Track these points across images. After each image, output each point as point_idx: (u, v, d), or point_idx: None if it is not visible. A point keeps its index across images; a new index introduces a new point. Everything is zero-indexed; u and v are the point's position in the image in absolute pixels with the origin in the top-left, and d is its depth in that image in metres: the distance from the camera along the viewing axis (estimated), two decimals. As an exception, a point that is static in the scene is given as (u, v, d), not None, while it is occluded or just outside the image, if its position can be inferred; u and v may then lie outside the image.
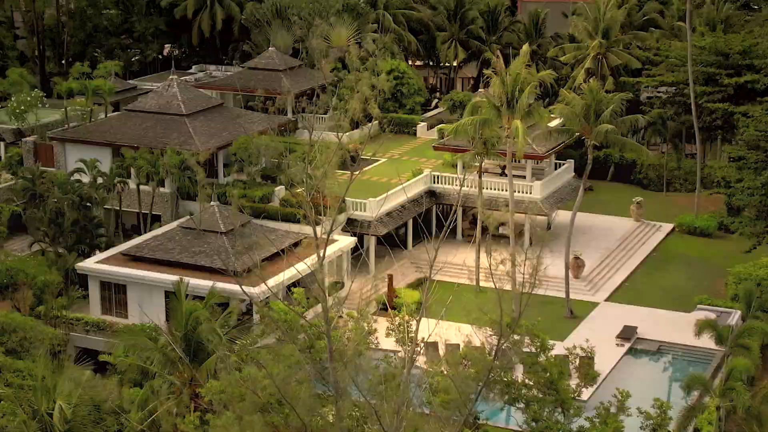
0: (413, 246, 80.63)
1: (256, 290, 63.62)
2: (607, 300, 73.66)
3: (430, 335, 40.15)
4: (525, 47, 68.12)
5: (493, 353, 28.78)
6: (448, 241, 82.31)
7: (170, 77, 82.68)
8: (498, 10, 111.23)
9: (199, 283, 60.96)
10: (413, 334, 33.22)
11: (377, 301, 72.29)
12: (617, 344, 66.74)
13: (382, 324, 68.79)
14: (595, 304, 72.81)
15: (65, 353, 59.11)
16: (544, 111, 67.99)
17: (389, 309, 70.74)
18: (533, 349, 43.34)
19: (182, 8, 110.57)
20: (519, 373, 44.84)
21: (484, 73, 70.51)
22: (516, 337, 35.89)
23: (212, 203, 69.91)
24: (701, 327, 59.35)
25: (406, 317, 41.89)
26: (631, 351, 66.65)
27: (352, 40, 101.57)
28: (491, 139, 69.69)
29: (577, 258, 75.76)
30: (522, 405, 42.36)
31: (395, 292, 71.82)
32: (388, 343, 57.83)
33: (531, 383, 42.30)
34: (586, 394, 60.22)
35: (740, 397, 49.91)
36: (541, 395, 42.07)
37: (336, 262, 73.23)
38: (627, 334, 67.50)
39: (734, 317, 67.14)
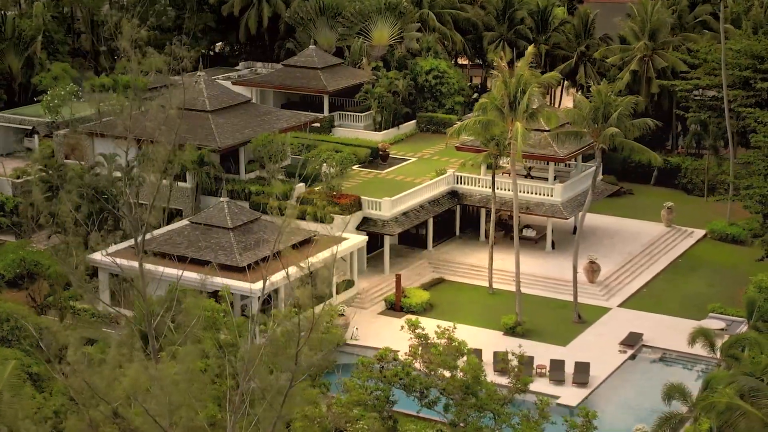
0: (434, 246, 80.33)
1: (256, 286, 64.83)
2: (620, 306, 72.56)
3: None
4: (530, 48, 67.46)
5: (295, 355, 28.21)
6: (469, 242, 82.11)
7: (198, 73, 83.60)
8: (548, 10, 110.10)
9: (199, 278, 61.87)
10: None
11: (386, 301, 72.52)
12: (620, 351, 65.81)
13: (385, 322, 69.39)
14: (606, 310, 71.81)
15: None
16: (550, 113, 67.16)
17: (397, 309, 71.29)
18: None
19: (229, 6, 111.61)
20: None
21: (491, 74, 70.07)
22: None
23: (222, 199, 70.54)
24: (694, 336, 58.36)
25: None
26: (634, 358, 65.68)
27: (394, 39, 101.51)
28: (502, 140, 69.25)
29: (592, 262, 74.78)
30: (440, 410, 41.98)
31: (404, 292, 71.76)
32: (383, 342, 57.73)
33: (446, 387, 41.83)
34: (576, 399, 59.86)
35: (714, 410, 48.82)
36: (460, 400, 41.62)
37: (348, 261, 73.30)
38: (631, 340, 66.53)
39: (743, 326, 65.75)
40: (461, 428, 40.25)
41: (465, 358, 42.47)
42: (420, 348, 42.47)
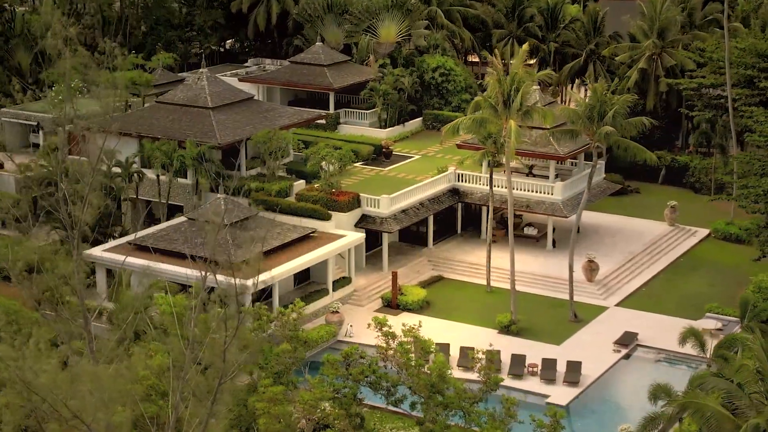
0: (434, 244, 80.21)
1: (250, 282, 64.95)
2: (617, 305, 72.22)
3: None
4: (524, 47, 67.27)
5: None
6: (470, 240, 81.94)
7: (200, 70, 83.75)
8: (558, 7, 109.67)
9: (193, 274, 62.25)
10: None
11: (383, 298, 72.52)
12: (614, 350, 65.55)
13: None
14: (603, 309, 71.50)
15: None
16: (545, 111, 66.93)
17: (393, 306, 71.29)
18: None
19: (238, 2, 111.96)
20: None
21: (486, 72, 69.95)
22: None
23: (219, 195, 70.69)
24: (685, 335, 58.22)
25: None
26: (628, 357, 65.42)
27: (402, 37, 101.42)
28: (499, 138, 69.11)
29: (591, 261, 74.49)
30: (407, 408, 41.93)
31: (401, 290, 71.73)
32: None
33: (412, 386, 41.75)
34: (566, 398, 59.69)
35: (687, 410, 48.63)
36: (426, 398, 41.52)
37: (347, 257, 73.36)
38: (625, 340, 66.26)
39: (739, 327, 65.35)
40: (428, 426, 40.16)
41: (433, 356, 42.50)
42: (388, 346, 42.52)
